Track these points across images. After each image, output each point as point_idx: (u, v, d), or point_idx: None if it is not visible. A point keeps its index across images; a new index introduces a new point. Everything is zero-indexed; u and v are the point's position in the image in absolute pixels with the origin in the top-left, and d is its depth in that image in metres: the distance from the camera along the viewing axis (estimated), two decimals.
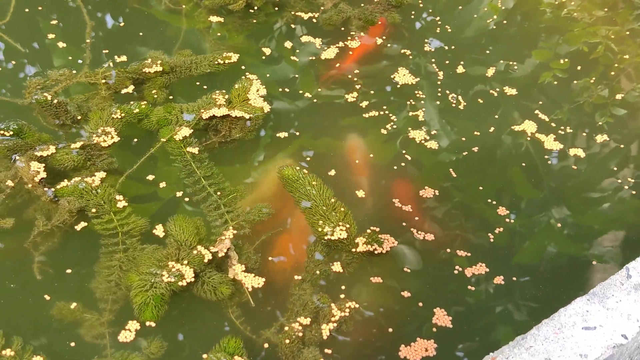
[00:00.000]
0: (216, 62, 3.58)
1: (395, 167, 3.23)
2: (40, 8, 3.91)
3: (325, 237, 2.86)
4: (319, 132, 3.41)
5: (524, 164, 3.26)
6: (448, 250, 2.92)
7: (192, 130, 3.21)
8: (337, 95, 3.58)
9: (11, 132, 3.11)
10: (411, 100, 3.52)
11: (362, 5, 4.13)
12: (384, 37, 3.91)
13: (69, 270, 2.76)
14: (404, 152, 3.28)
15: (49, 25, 3.81)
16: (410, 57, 3.80)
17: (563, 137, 3.34)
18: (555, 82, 3.67)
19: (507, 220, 3.02)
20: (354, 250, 2.85)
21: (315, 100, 3.54)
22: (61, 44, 3.69)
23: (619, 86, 3.65)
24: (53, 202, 2.92)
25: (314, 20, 3.98)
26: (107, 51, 3.68)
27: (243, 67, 3.64)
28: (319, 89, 3.58)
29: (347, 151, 3.30)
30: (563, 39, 3.96)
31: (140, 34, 3.83)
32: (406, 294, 2.75)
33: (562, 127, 3.38)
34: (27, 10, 3.90)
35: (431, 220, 3.02)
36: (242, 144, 3.27)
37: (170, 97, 3.45)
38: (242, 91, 3.39)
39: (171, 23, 3.95)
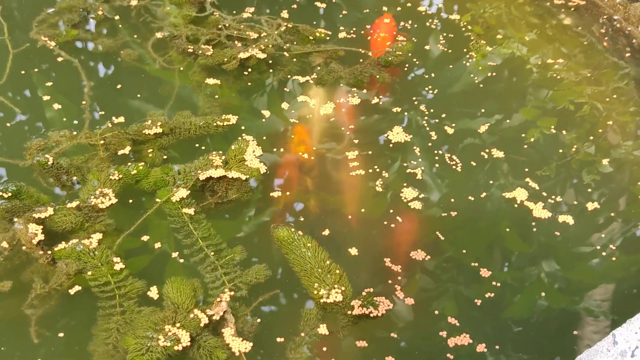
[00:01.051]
0: (215, 124, 3.50)
1: (385, 223, 3.18)
2: (36, 70, 3.87)
3: (321, 300, 2.78)
4: (315, 188, 3.37)
5: (507, 229, 3.19)
6: (436, 312, 2.85)
7: (189, 192, 3.15)
8: (331, 149, 3.55)
9: (9, 194, 3.05)
10: (404, 162, 3.45)
11: (353, 65, 4.08)
12: (377, 96, 3.86)
13: (65, 334, 2.69)
14: (391, 211, 3.21)
15: (44, 87, 3.78)
16: (404, 114, 3.76)
17: (552, 206, 3.28)
18: (543, 140, 3.61)
19: (494, 283, 2.94)
20: (349, 312, 2.77)
21: (311, 158, 3.49)
22: (57, 105, 3.66)
23: (605, 143, 3.59)
24: (51, 265, 2.84)
25: (308, 80, 3.93)
26: (103, 113, 3.65)
27: (243, 128, 3.59)
28: (314, 147, 3.52)
29: (341, 207, 3.26)
30: (549, 97, 3.91)
31: (138, 95, 3.82)
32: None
33: (553, 197, 3.31)
34: (22, 72, 3.87)
35: (419, 281, 2.95)
36: (238, 204, 3.22)
37: (165, 157, 3.39)
38: (238, 152, 3.34)
39: (166, 81, 3.93)
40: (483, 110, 3.82)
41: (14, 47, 4.02)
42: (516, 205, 3.28)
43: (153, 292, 2.82)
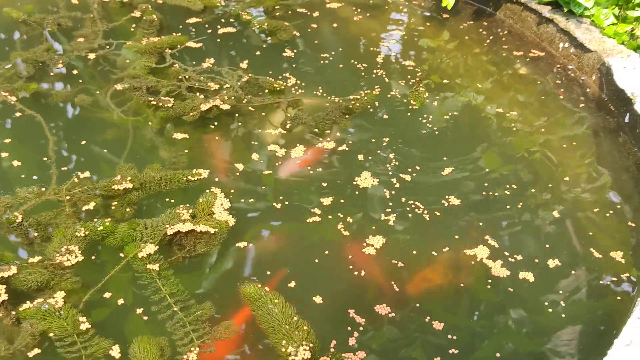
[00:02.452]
0: (185, 179, 3.37)
1: (353, 271, 3.05)
2: None
3: (289, 358, 2.64)
4: (284, 237, 3.25)
5: (462, 284, 3.07)
6: None
7: (157, 247, 3.01)
8: (301, 198, 3.45)
9: None
10: (371, 210, 3.35)
11: (316, 113, 4.04)
12: (338, 142, 3.76)
13: None
14: (350, 266, 3.08)
15: (2, 144, 3.63)
16: (367, 162, 3.67)
17: (512, 265, 3.16)
18: (506, 190, 3.52)
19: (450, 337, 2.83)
20: None
21: (279, 206, 3.38)
22: (16, 162, 3.49)
23: (558, 192, 3.52)
24: (15, 325, 2.67)
25: (277, 130, 3.83)
26: (66, 168, 3.50)
27: (217, 180, 3.48)
28: (280, 197, 3.42)
29: (307, 254, 3.15)
30: (507, 144, 3.85)
31: (103, 149, 3.68)
32: None
33: (515, 255, 3.20)
34: None
35: (379, 338, 2.82)
36: (207, 258, 3.07)
37: (129, 210, 3.24)
38: (206, 205, 3.21)
39: (127, 132, 3.82)
40: (445, 158, 3.72)
41: None
42: (473, 263, 3.16)
43: (115, 351, 2.65)
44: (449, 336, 2.82)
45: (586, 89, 4.34)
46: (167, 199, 3.36)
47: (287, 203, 3.41)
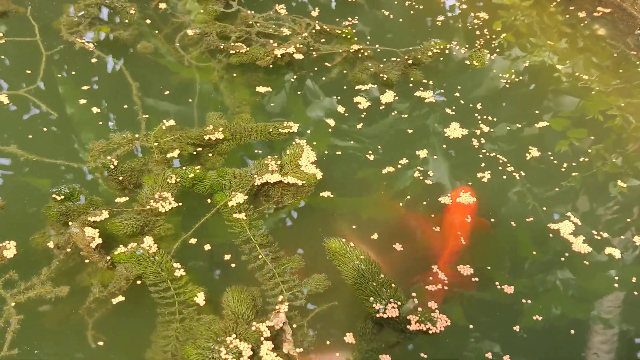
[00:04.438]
0: (277, 132, 3.23)
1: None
2: (73, 73, 3.59)
3: (377, 315, 2.51)
4: (371, 189, 3.12)
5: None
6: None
7: (246, 197, 2.86)
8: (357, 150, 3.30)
9: (62, 197, 2.77)
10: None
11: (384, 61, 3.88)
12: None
13: (124, 339, 2.44)
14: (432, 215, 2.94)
15: (81, 90, 3.49)
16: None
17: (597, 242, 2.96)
18: (572, 150, 3.33)
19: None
20: (407, 327, 2.50)
21: (370, 157, 3.22)
22: (95, 109, 3.37)
23: (634, 156, 3.30)
24: (110, 269, 2.57)
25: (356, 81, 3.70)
26: (147, 116, 3.35)
27: (308, 132, 3.36)
28: (370, 151, 3.27)
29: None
30: (579, 107, 3.62)
31: (166, 93, 3.55)
32: None
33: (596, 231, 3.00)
34: (59, 75, 3.58)
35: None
36: (294, 210, 2.93)
37: (219, 159, 3.10)
38: (293, 157, 3.05)
39: (190, 78, 3.67)
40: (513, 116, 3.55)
41: (47, 48, 3.71)
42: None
43: (200, 299, 2.54)
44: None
45: None
46: (256, 151, 3.22)
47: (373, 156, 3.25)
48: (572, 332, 2.57)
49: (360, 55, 3.90)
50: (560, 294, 2.72)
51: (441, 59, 3.96)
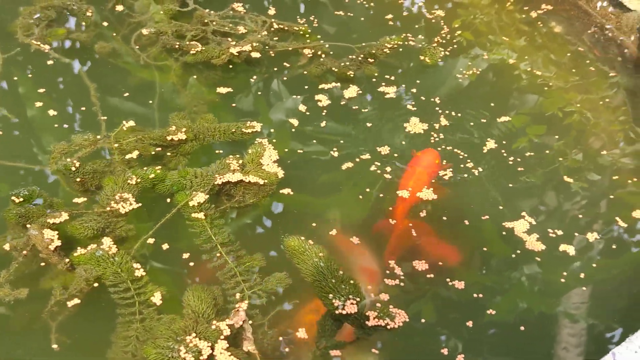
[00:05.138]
0: (240, 132, 3.21)
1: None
2: (30, 75, 3.55)
3: (336, 311, 2.49)
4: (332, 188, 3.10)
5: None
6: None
7: (207, 196, 2.83)
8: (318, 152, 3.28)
9: (21, 199, 2.73)
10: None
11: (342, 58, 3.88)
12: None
13: (83, 341, 2.42)
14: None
15: (36, 94, 3.44)
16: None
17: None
18: (531, 148, 3.34)
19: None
20: (366, 323, 2.49)
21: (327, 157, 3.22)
22: (52, 112, 3.33)
23: (593, 152, 3.32)
24: (69, 271, 2.53)
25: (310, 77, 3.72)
26: (105, 117, 3.31)
27: (271, 131, 3.35)
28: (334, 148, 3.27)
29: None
30: (538, 104, 3.64)
31: (125, 94, 3.51)
32: None
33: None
34: (15, 78, 3.53)
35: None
36: (256, 209, 2.90)
37: (182, 160, 3.07)
38: (255, 156, 3.03)
39: (148, 78, 3.64)
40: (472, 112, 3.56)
41: (3, 51, 3.66)
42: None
43: (157, 298, 2.51)
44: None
45: (624, 50, 4.10)
46: (218, 151, 3.20)
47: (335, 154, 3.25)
48: (522, 328, 2.57)
49: (317, 52, 3.88)
50: (513, 289, 2.73)
51: (397, 55, 3.96)
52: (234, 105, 3.50)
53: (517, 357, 2.49)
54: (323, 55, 3.87)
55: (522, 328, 2.56)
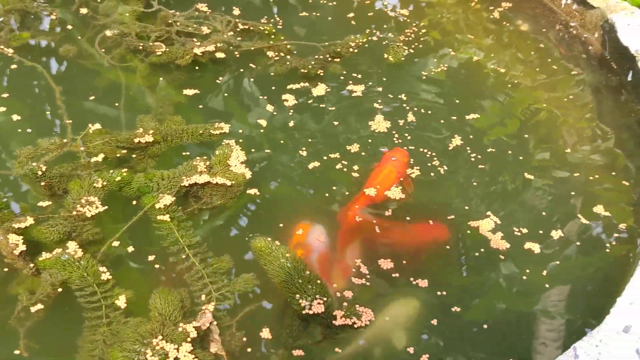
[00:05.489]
0: (208, 133, 3.19)
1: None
2: None
3: (303, 312, 2.49)
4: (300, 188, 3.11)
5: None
6: None
7: (174, 198, 2.82)
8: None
9: None
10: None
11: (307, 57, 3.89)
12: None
13: (49, 346, 2.40)
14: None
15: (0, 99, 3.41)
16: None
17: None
18: (497, 146, 3.36)
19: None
20: (333, 322, 2.48)
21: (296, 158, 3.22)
22: (16, 117, 3.31)
23: (561, 149, 3.35)
24: (34, 275, 2.51)
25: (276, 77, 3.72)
26: (69, 122, 3.28)
27: (240, 132, 3.33)
28: (303, 148, 3.26)
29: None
30: (506, 102, 3.66)
31: (92, 97, 3.48)
32: None
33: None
34: None
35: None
36: (223, 210, 2.89)
37: (150, 162, 3.05)
38: (222, 158, 3.02)
39: (114, 80, 3.62)
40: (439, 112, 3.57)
41: None
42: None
43: (121, 301, 2.50)
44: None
45: (588, 47, 4.13)
46: (186, 152, 3.19)
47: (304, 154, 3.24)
48: (485, 326, 2.57)
49: (282, 51, 3.89)
50: (477, 288, 2.73)
51: (364, 54, 3.97)
52: (200, 107, 3.48)
53: (478, 355, 2.49)
54: (289, 56, 3.86)
55: (485, 326, 2.56)
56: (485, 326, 2.56)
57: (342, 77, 3.75)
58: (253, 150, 3.21)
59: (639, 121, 3.49)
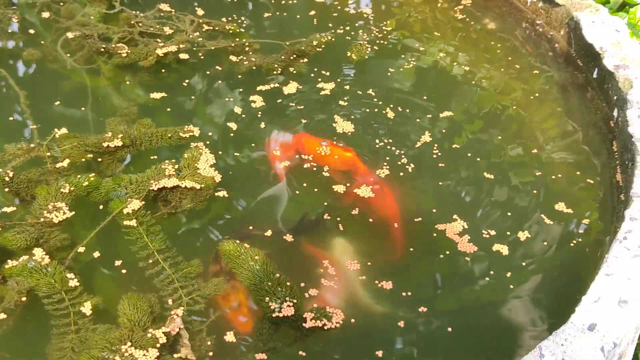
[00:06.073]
0: (178, 136, 3.16)
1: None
2: None
3: (273, 315, 2.46)
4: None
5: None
6: None
7: (143, 203, 2.78)
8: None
9: None
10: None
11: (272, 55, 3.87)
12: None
13: (15, 355, 2.37)
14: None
15: None
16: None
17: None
18: (465, 145, 3.35)
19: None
20: (303, 325, 2.46)
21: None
22: None
23: (532, 145, 3.35)
24: (0, 284, 2.47)
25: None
26: (38, 126, 3.24)
27: (209, 134, 3.29)
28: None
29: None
30: (475, 100, 3.66)
31: (57, 102, 3.43)
32: None
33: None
34: None
35: None
36: (193, 214, 2.86)
37: (118, 166, 3.01)
38: (191, 161, 2.99)
39: (80, 83, 3.58)
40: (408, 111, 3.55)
41: None
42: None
43: (87, 308, 2.46)
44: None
45: (554, 44, 4.15)
46: (155, 156, 3.16)
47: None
48: (450, 329, 2.56)
49: (247, 51, 3.86)
50: (445, 289, 2.72)
51: (330, 52, 3.96)
52: (169, 109, 3.44)
53: (445, 357, 2.49)
54: (254, 56, 3.83)
55: (449, 329, 2.55)
56: (449, 329, 2.54)
57: (312, 75, 3.73)
58: (220, 152, 3.18)
59: (604, 118, 3.50)
